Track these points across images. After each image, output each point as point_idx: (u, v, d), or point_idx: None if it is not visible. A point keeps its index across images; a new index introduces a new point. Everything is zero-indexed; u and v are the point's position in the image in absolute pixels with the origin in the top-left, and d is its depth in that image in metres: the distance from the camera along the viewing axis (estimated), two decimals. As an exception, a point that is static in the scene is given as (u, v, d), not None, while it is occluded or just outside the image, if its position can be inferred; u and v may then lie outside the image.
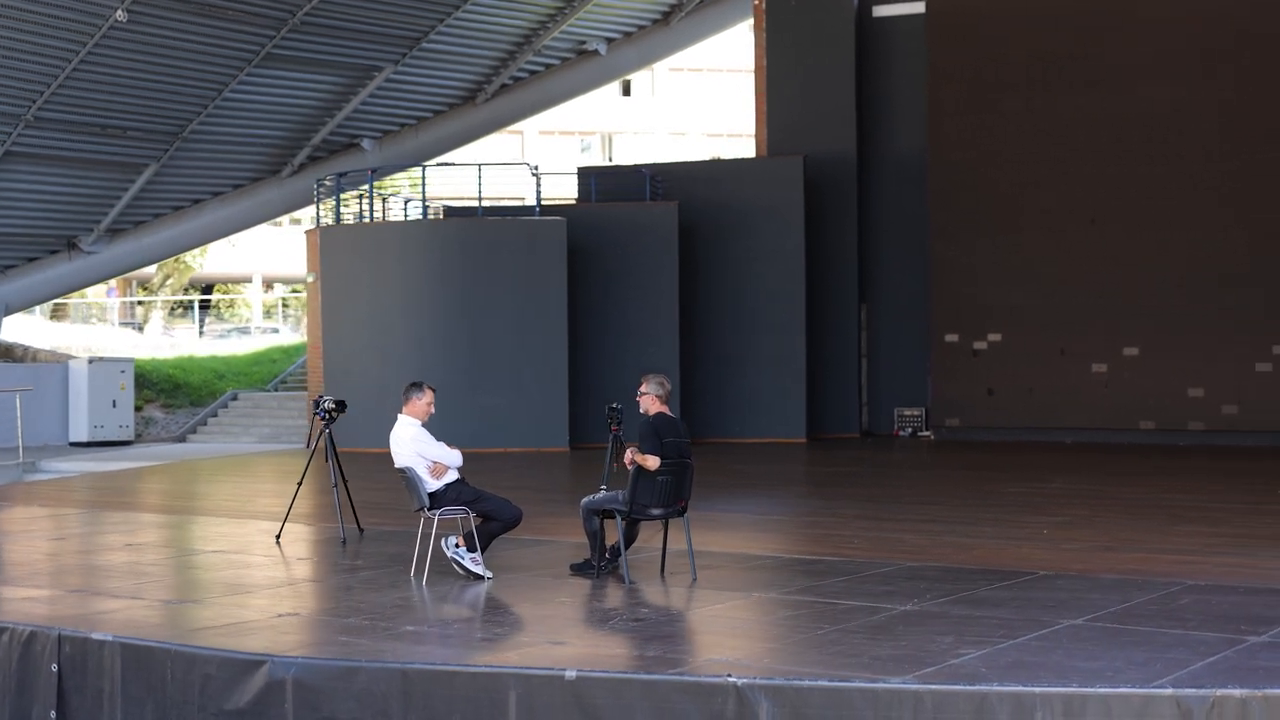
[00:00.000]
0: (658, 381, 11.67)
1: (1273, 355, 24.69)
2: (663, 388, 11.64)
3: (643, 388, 11.67)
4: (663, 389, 11.63)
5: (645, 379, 11.70)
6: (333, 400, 14.25)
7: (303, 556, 13.05)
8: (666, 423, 11.44)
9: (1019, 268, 26.71)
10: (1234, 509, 15.81)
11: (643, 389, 11.67)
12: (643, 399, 11.64)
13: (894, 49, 28.58)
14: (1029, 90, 26.70)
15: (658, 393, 11.59)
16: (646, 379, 11.69)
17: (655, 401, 11.58)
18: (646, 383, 11.67)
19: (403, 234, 27.09)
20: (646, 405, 11.63)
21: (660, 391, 11.61)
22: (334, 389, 26.77)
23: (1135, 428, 25.73)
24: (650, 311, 26.57)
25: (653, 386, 11.62)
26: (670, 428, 11.41)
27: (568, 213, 26.72)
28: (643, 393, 11.65)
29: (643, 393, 11.65)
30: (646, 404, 11.63)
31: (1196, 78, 25.39)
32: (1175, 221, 25.46)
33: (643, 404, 11.67)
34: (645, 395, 11.62)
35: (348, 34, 28.09)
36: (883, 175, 28.54)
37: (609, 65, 33.18)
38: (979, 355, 27.15)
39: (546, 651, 8.75)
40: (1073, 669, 7.98)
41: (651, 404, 11.59)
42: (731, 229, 27.39)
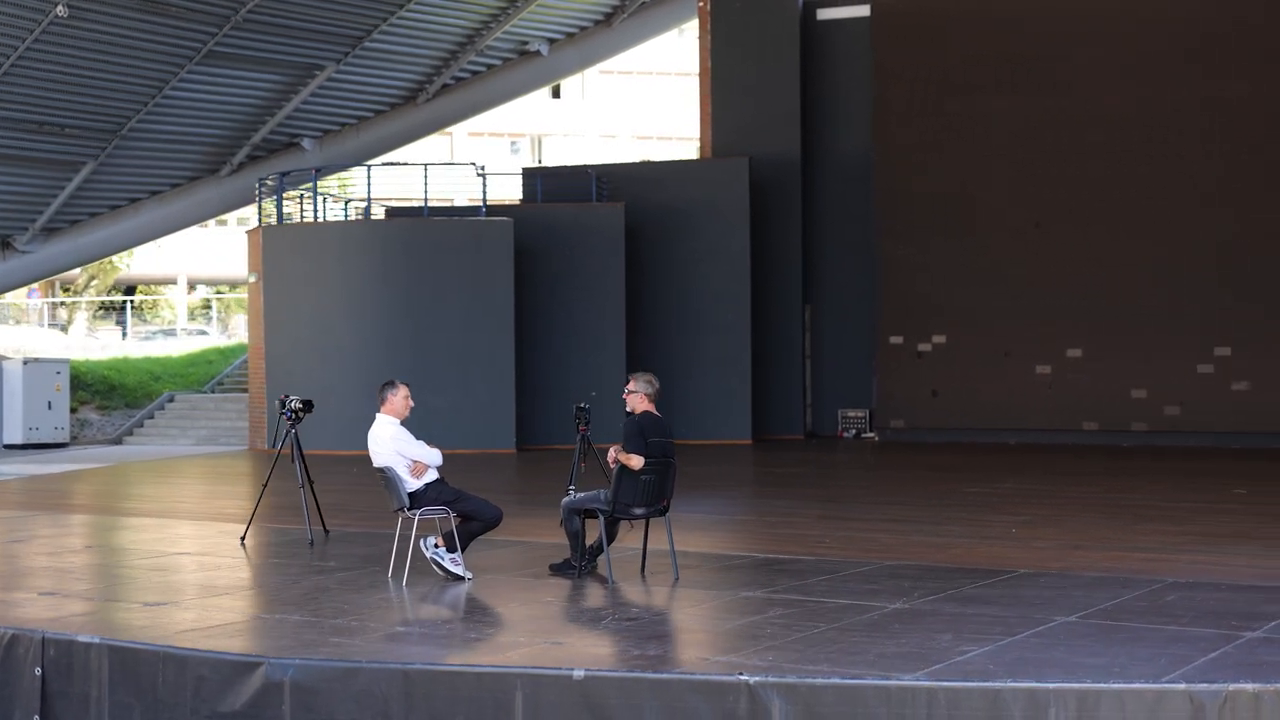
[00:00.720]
0: (646, 380, 11.54)
1: (1214, 357, 25.01)
2: (651, 386, 11.49)
3: (630, 386, 11.54)
4: (651, 387, 11.49)
5: (633, 377, 11.59)
6: (300, 400, 14.02)
7: (273, 558, 12.86)
8: (652, 422, 11.34)
9: (964, 270, 26.88)
10: (1193, 508, 15.98)
11: (630, 387, 11.54)
12: (630, 397, 11.52)
13: (838, 51, 28.70)
14: (974, 92, 26.89)
15: (646, 391, 11.46)
16: (635, 377, 11.58)
17: (643, 400, 11.46)
18: (635, 381, 11.54)
19: (347, 234, 26.87)
20: (634, 404, 11.51)
21: (649, 390, 11.47)
22: (276, 390, 26.49)
23: (1078, 429, 25.97)
24: (597, 312, 26.53)
25: (641, 385, 11.48)
26: (656, 427, 11.31)
27: (514, 213, 26.61)
28: (630, 391, 11.52)
29: (630, 391, 11.52)
30: (634, 403, 11.51)
31: (1142, 81, 25.67)
32: (1118, 224, 25.73)
33: (630, 402, 11.55)
34: (633, 394, 11.49)
35: (291, 32, 27.82)
36: (827, 177, 28.64)
37: (551, 66, 33.08)
38: (924, 357, 27.30)
39: (545, 651, 8.66)
40: (1078, 665, 7.99)
41: (639, 403, 11.47)
42: (677, 230, 27.39)
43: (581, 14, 32.47)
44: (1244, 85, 24.97)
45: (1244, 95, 24.97)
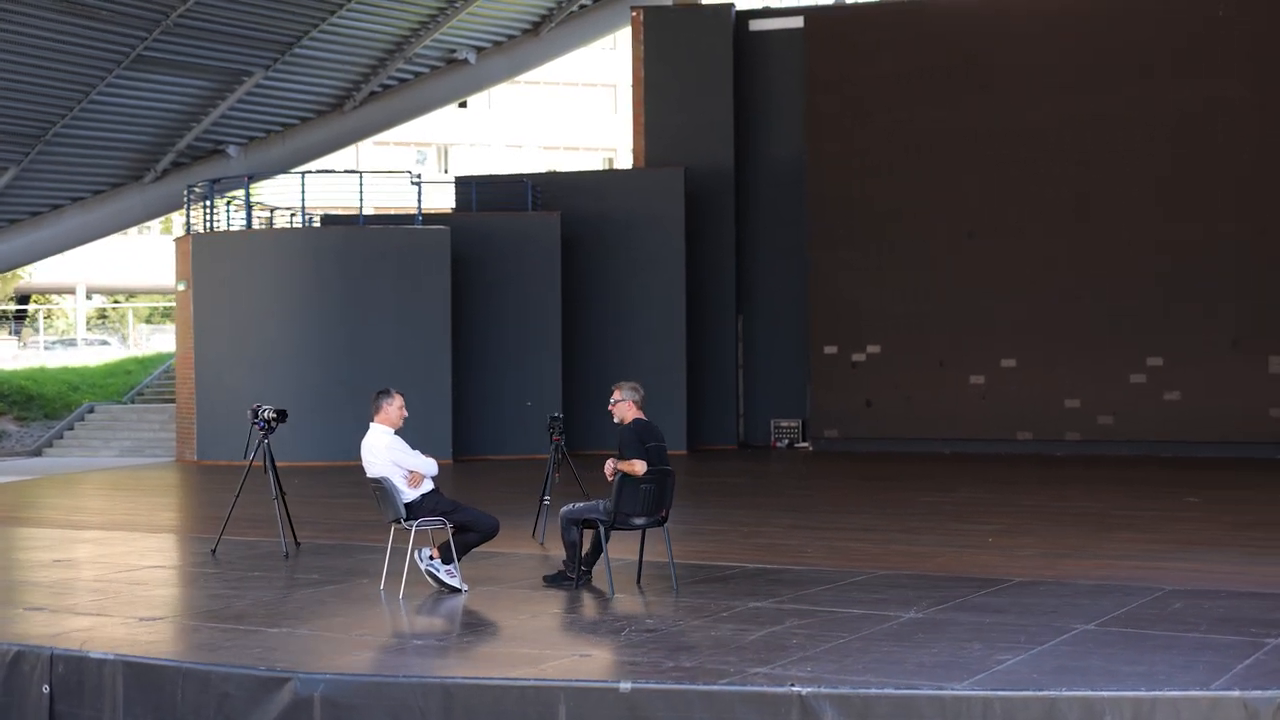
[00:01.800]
0: (631, 387, 11.44)
1: (1147, 367, 25.35)
2: (637, 393, 11.40)
3: (617, 395, 11.42)
4: (638, 394, 11.40)
5: (618, 386, 11.46)
6: (274, 409, 13.77)
7: (253, 571, 12.58)
8: (646, 428, 11.26)
9: (898, 280, 27.05)
10: (1155, 516, 16.16)
11: (616, 396, 11.41)
12: (617, 406, 11.39)
13: (770, 62, 28.78)
14: (906, 102, 27.08)
15: (634, 398, 11.36)
16: (619, 386, 11.46)
17: (631, 408, 11.35)
18: (620, 389, 11.42)
19: (281, 242, 26.50)
20: (623, 413, 11.38)
21: (636, 397, 11.38)
22: (206, 400, 26.13)
23: (1012, 438, 26.21)
24: (534, 322, 26.38)
25: (628, 393, 11.38)
26: (651, 433, 11.23)
27: (449, 222, 26.38)
28: (617, 400, 11.39)
29: (617, 400, 11.39)
30: (622, 411, 11.38)
31: (1071, 91, 25.98)
32: (1052, 235, 26.02)
33: (618, 412, 11.42)
34: (620, 402, 11.37)
35: (221, 37, 27.41)
36: (760, 186, 28.71)
37: (479, 74, 32.88)
38: (858, 367, 27.42)
39: (577, 664, 8.54)
40: (1119, 673, 8.02)
41: (628, 410, 11.36)
42: (613, 240, 27.32)
43: (509, 23, 32.31)
44: (1171, 96, 25.35)
45: (1171, 106, 25.35)
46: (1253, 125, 24.85)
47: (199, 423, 26.24)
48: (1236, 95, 24.96)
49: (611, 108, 66.21)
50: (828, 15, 28.41)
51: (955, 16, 27.30)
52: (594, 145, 65.54)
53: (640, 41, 28.77)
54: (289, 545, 13.56)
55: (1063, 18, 26.32)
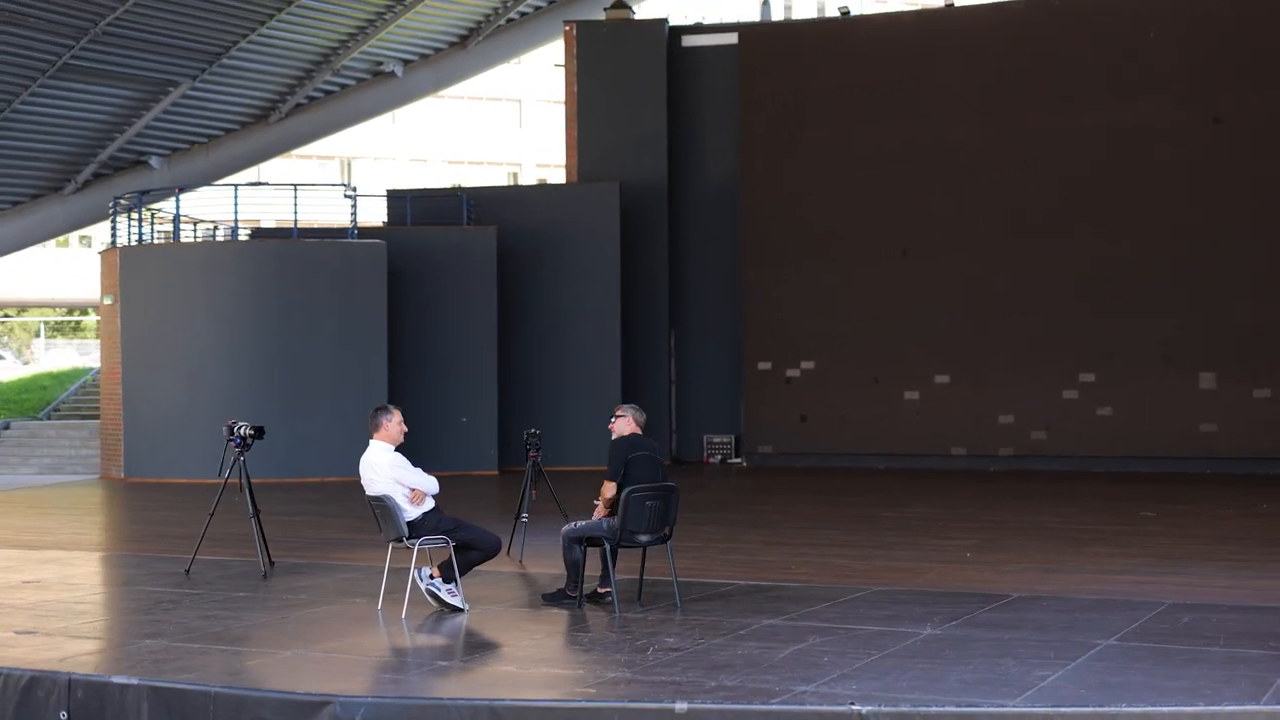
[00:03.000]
0: (634, 408, 11.62)
1: (1079, 383, 25.65)
2: (641, 414, 11.51)
3: (619, 411, 11.50)
4: (641, 415, 11.49)
5: (620, 407, 11.59)
6: (250, 426, 13.46)
7: (236, 591, 12.30)
8: (636, 439, 11.29)
9: (832, 296, 27.17)
10: (1120, 530, 16.30)
11: (619, 412, 11.50)
12: (617, 422, 11.42)
13: (704, 78, 28.81)
14: (842, 120, 27.22)
15: (635, 417, 11.40)
16: (622, 407, 11.59)
17: (630, 424, 11.37)
18: (623, 409, 11.55)
19: (213, 255, 26.07)
20: (621, 429, 11.38)
21: (641, 417, 11.47)
22: (134, 417, 25.61)
23: (947, 453, 26.40)
24: (469, 336, 26.17)
25: (629, 411, 11.51)
26: (639, 444, 11.24)
27: (383, 236, 26.10)
28: (618, 415, 11.46)
29: (618, 415, 11.46)
30: (621, 427, 11.39)
31: (1005, 110, 26.25)
32: (985, 252, 26.26)
33: (616, 429, 11.41)
34: (621, 419, 11.45)
35: (150, 46, 26.94)
36: (693, 202, 28.72)
37: (405, 87, 32.59)
38: (792, 383, 27.50)
39: (615, 686, 8.40)
40: (1164, 688, 8.05)
41: (626, 427, 11.36)
42: (549, 254, 27.19)
43: (437, 36, 32.07)
44: (1103, 116, 25.68)
45: (1103, 125, 25.67)
46: (1182, 145, 25.24)
47: (126, 439, 25.70)
48: (1166, 116, 25.35)
49: (516, 122, 66.06)
50: (762, 32, 28.51)
51: (889, 34, 27.52)
52: (499, 160, 65.32)
53: (573, 56, 28.68)
54: (265, 565, 13.26)
55: (996, 36, 26.60)
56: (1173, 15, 25.52)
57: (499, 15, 31.90)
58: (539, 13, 32.65)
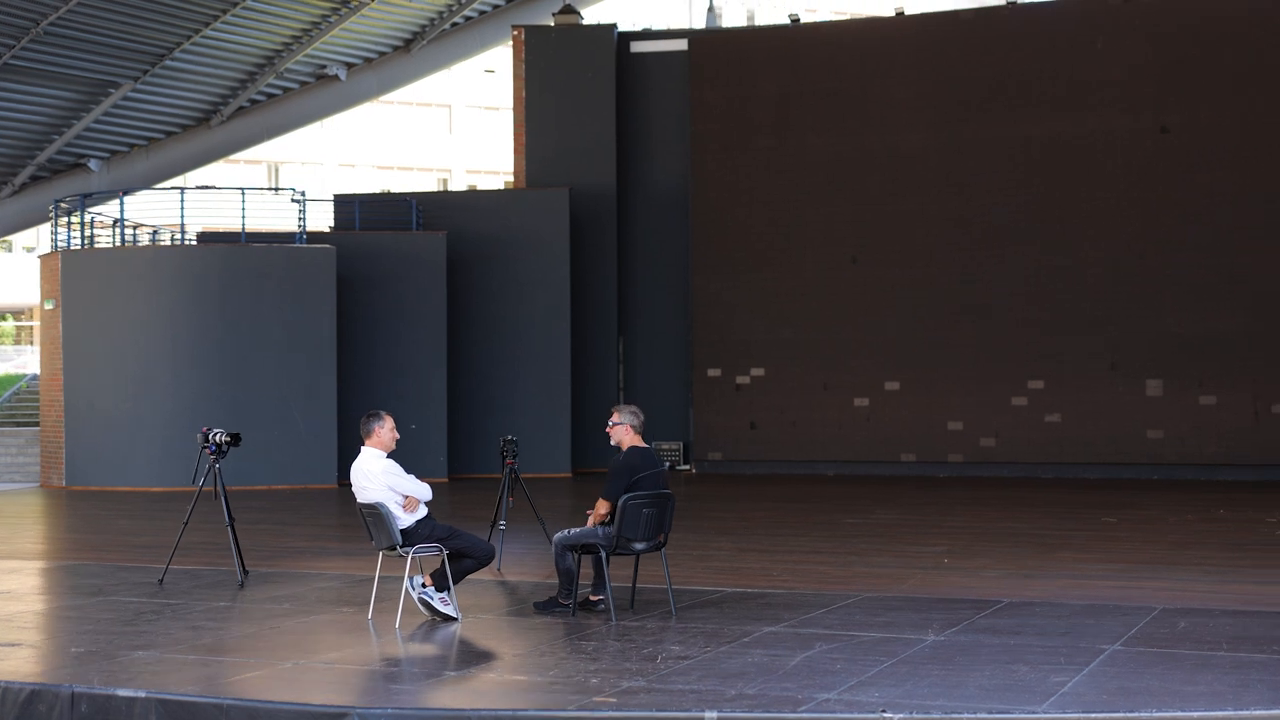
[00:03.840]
0: (631, 411, 11.20)
1: (1028, 390, 25.83)
2: (637, 417, 11.18)
3: (615, 418, 11.18)
4: (637, 419, 11.18)
5: (617, 409, 11.24)
6: (227, 434, 13.24)
7: (216, 602, 12.07)
8: (641, 457, 11.04)
9: (782, 303, 27.21)
10: (1086, 536, 16.39)
11: (615, 419, 11.18)
12: (614, 430, 11.18)
13: (653, 85, 28.78)
14: (791, 128, 27.28)
15: (633, 423, 11.15)
16: (619, 409, 11.23)
17: (629, 433, 11.14)
18: (619, 413, 11.18)
19: (158, 260, 25.70)
20: (619, 437, 11.17)
21: (635, 421, 11.16)
22: (77, 423, 25.22)
23: (897, 460, 26.51)
24: (419, 343, 25.99)
25: (627, 416, 11.14)
26: (645, 461, 11.02)
27: (331, 241, 25.85)
28: (615, 423, 11.16)
29: (615, 423, 11.16)
30: (619, 435, 11.17)
31: (953, 118, 26.41)
32: (934, 260, 26.40)
33: (614, 435, 11.21)
34: (618, 426, 11.15)
35: (92, 47, 26.54)
36: (642, 209, 28.67)
37: (348, 91, 32.31)
38: (742, 389, 27.50)
39: (634, 695, 8.31)
40: (1184, 693, 8.08)
41: (625, 435, 11.15)
42: (499, 260, 27.04)
43: (381, 40, 31.82)
44: (1049, 125, 25.90)
45: (1049, 134, 25.89)
46: (1130, 155, 25.50)
47: (68, 447, 25.29)
48: (1114, 126, 25.60)
49: (447, 128, 65.82)
50: (711, 39, 28.51)
51: (839, 42, 27.62)
52: (429, 165, 65.05)
53: (521, 61, 28.55)
54: (241, 574, 13.05)
55: (944, 45, 26.76)
56: (1119, 26, 25.77)
57: (443, 20, 31.70)
58: (483, 17, 32.49)
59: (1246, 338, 24.66)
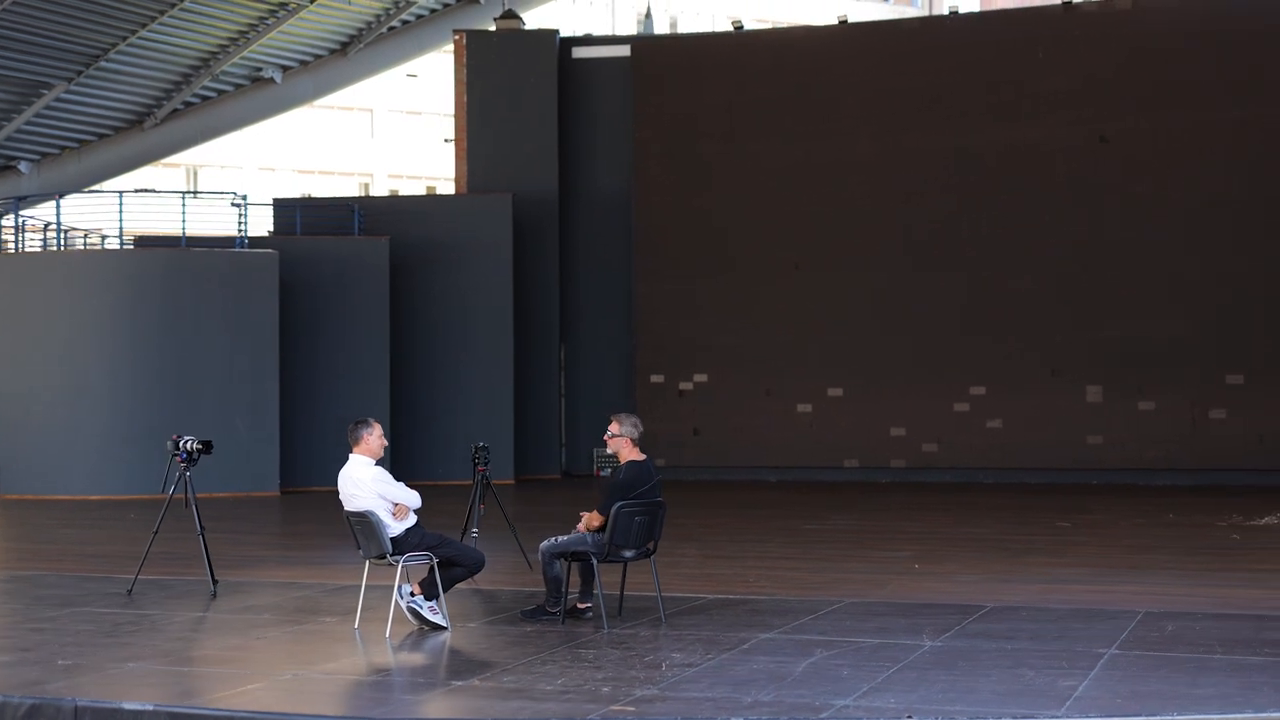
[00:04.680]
0: (632, 423, 11.08)
1: (970, 395, 26.05)
2: (638, 429, 11.07)
3: (615, 428, 11.05)
4: (638, 430, 11.07)
5: (618, 419, 11.10)
6: (199, 441, 13.06)
7: (192, 612, 11.90)
8: (639, 474, 10.94)
9: (725, 309, 27.27)
10: (1047, 541, 16.54)
11: (614, 430, 11.05)
12: (613, 441, 11.07)
13: (595, 91, 28.73)
14: (734, 134, 27.35)
15: (633, 435, 11.04)
16: (619, 419, 11.09)
17: (628, 446, 11.03)
18: (619, 423, 11.05)
19: (95, 264, 25.31)
20: (617, 448, 11.06)
21: (635, 434, 11.04)
22: (10, 432, 24.75)
23: (840, 465, 26.64)
24: (361, 349, 25.76)
25: (627, 428, 11.02)
26: (643, 477, 10.94)
27: (272, 245, 25.58)
28: (614, 434, 11.04)
29: (614, 434, 11.04)
30: (617, 447, 11.06)
31: (896, 127, 26.60)
32: (877, 267, 26.57)
33: (613, 446, 11.10)
34: (617, 438, 11.02)
35: (25, 47, 26.11)
36: (585, 215, 28.61)
37: (284, 94, 32.00)
38: (684, 396, 27.53)
39: (650, 705, 8.27)
40: (1194, 696, 8.17)
41: (624, 448, 11.03)
42: (442, 266, 26.87)
43: (317, 43, 31.54)
44: (988, 132, 26.15)
45: (988, 142, 26.14)
46: (1070, 163, 25.80)
47: (0, 455, 24.81)
48: (1054, 135, 25.90)
49: (368, 132, 65.32)
50: (654, 45, 28.58)
51: (782, 49, 27.72)
52: (350, 170, 64.52)
53: (463, 65, 28.41)
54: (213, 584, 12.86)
55: (889, 54, 26.96)
56: (1060, 37, 26.08)
57: (380, 23, 31.48)
58: (421, 21, 32.31)
59: (1184, 345, 25.02)
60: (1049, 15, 26.48)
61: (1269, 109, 24.86)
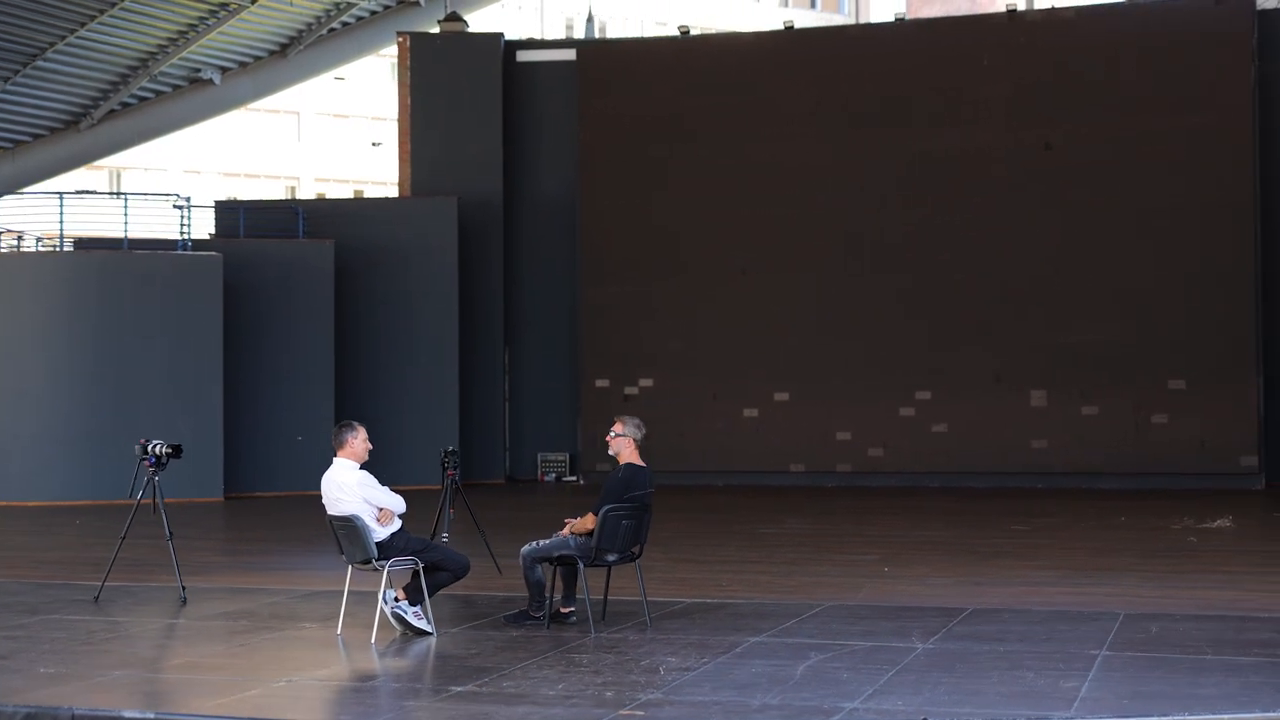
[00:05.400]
0: (636, 424, 11.11)
1: (915, 400, 26.15)
2: (640, 431, 11.09)
3: (617, 428, 11.06)
4: (640, 432, 11.09)
5: (622, 420, 11.12)
6: (168, 445, 12.86)
7: (165, 619, 11.73)
8: (637, 476, 10.96)
9: (672, 314, 27.22)
10: (1010, 545, 16.62)
11: (617, 430, 11.05)
12: (615, 441, 11.07)
13: (540, 94, 28.61)
14: (680, 139, 27.29)
15: (636, 436, 11.07)
16: (624, 420, 11.11)
17: (629, 447, 11.05)
18: (623, 424, 11.06)
19: (33, 266, 24.90)
20: (618, 449, 11.07)
21: (638, 435, 11.08)
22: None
23: (785, 470, 26.66)
24: (306, 353, 25.50)
25: (630, 429, 11.05)
26: (639, 480, 10.95)
27: (215, 248, 25.27)
28: (618, 434, 11.04)
29: (618, 434, 11.04)
30: (619, 447, 11.06)
31: (841, 131, 26.63)
32: (823, 271, 26.61)
33: (614, 446, 11.10)
34: (620, 438, 11.03)
35: (-37, 46, 25.69)
36: (530, 219, 28.48)
37: (222, 96, 31.63)
38: (630, 400, 27.45)
39: (659, 709, 8.22)
40: (1198, 696, 8.25)
41: (625, 449, 11.05)
42: (387, 269, 26.66)
43: (257, 44, 31.21)
44: (933, 139, 26.23)
45: (933, 148, 26.21)
46: (1014, 169, 25.97)
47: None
48: (999, 142, 26.07)
49: (295, 135, 64.82)
50: (600, 49, 28.51)
51: (728, 54, 27.74)
52: (276, 173, 64.02)
53: (407, 68, 28.21)
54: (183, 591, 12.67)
55: (834, 60, 27.01)
56: (1005, 44, 26.26)
57: (321, 25, 31.21)
58: (361, 23, 32.06)
59: (1128, 350, 25.25)
60: (993, 23, 26.71)
61: (1209, 117, 25.16)
